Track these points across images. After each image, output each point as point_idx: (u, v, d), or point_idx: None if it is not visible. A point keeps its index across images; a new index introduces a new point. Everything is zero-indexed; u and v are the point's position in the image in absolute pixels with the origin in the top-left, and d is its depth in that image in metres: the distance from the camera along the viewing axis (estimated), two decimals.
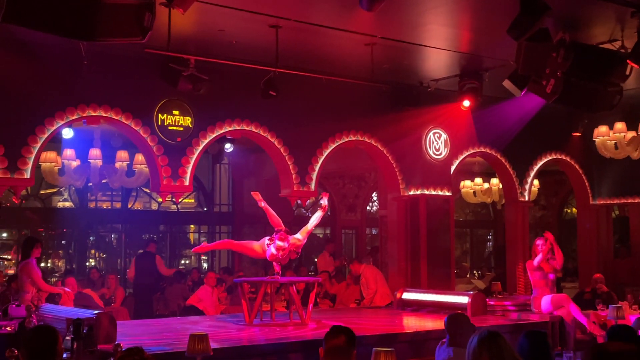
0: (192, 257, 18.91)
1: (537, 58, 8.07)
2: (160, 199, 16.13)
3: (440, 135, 12.56)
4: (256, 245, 9.66)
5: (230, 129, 10.69)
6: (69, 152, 11.92)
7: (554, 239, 10.06)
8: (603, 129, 12.52)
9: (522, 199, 13.83)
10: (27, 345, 3.95)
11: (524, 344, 4.42)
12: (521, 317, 10.12)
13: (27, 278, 8.86)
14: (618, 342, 4.03)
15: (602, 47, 9.23)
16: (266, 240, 9.50)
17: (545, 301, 10.04)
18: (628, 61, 8.62)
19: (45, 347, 3.92)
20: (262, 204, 9.58)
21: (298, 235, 9.52)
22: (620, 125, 12.35)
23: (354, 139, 11.76)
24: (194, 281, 13.54)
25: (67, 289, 9.76)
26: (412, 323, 10.13)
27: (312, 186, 11.33)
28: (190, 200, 17.98)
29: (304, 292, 11.44)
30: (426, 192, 12.31)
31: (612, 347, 3.51)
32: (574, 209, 18.85)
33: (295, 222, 15.65)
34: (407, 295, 11.30)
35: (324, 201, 9.92)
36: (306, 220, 18.13)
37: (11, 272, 14.10)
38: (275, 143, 11.01)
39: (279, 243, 9.24)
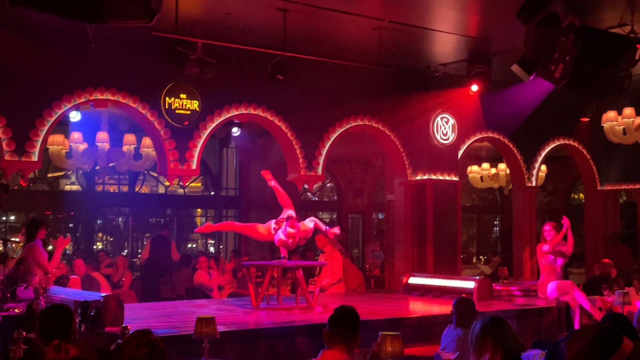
0: (199, 240, 18.97)
1: (546, 42, 8.00)
2: (167, 183, 16.15)
3: (448, 120, 12.53)
4: (261, 227, 9.65)
5: (237, 112, 10.69)
6: (76, 135, 11.92)
7: (569, 225, 10.04)
8: (611, 114, 12.47)
9: (530, 185, 13.80)
10: (42, 322, 3.97)
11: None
12: (527, 302, 10.14)
13: (33, 261, 8.90)
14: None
15: (611, 32, 9.15)
16: (272, 223, 9.48)
17: (551, 287, 10.06)
18: (638, 46, 8.55)
19: (59, 324, 3.94)
20: (272, 183, 9.57)
21: (308, 222, 9.48)
22: (629, 111, 12.30)
23: (361, 123, 11.74)
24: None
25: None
26: (418, 308, 10.16)
27: (319, 170, 11.33)
28: (197, 184, 18.00)
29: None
30: (433, 177, 12.29)
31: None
32: (581, 195, 18.82)
33: (302, 207, 15.68)
34: (413, 280, 11.33)
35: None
36: (313, 204, 18.23)
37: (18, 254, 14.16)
38: (283, 127, 11.00)
39: (289, 230, 9.22)
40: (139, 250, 17.02)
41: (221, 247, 17.54)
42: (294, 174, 11.23)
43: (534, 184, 13.89)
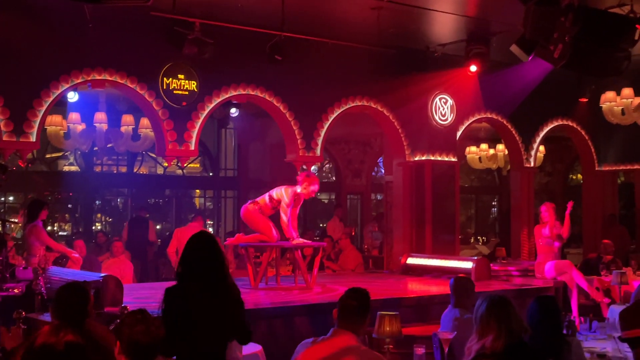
0: None
1: (545, 22, 7.98)
2: (165, 164, 16.12)
3: (447, 101, 12.51)
4: (284, 200, 9.01)
5: (235, 93, 10.66)
6: (74, 116, 11.91)
7: (570, 210, 10.09)
8: (610, 94, 12.45)
9: (528, 165, 13.81)
10: (59, 299, 3.98)
11: (534, 309, 4.45)
12: (525, 282, 10.18)
13: (35, 240, 8.92)
14: None
15: (611, 12, 9.12)
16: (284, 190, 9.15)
17: (549, 267, 10.10)
18: (637, 26, 8.51)
19: (77, 302, 3.95)
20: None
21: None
22: (627, 91, 12.28)
23: (359, 104, 11.72)
24: None
25: (75, 255, 9.70)
26: (417, 288, 10.20)
27: (318, 151, 11.32)
28: (195, 165, 18.00)
29: (310, 257, 11.47)
30: (432, 157, 12.29)
31: None
32: (579, 175, 18.84)
33: None
34: (411, 261, 11.37)
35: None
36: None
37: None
38: (281, 108, 10.98)
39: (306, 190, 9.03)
40: None
41: (220, 228, 17.56)
42: (293, 154, 11.23)
43: (532, 164, 13.89)
